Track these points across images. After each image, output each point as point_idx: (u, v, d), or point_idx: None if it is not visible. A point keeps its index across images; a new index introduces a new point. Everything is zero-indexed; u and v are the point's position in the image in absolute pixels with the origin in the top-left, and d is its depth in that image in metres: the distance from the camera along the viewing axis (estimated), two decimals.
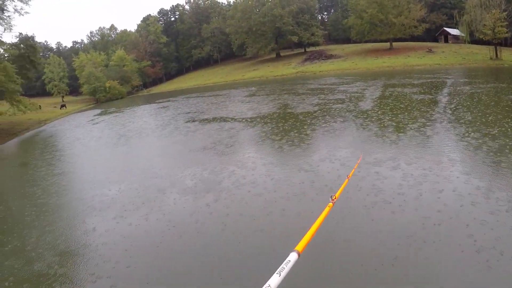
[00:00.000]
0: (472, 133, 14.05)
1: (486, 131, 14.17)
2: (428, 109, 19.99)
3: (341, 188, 3.42)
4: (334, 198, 2.71)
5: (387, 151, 13.10)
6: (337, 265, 6.87)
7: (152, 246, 8.52)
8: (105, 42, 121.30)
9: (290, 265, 1.31)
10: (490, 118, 16.32)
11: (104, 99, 79.58)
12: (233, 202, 10.37)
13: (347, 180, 3.98)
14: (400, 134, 15.20)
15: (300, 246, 1.53)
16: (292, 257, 1.39)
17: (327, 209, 2.41)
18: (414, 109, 20.56)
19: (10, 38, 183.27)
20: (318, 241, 7.86)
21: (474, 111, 18.34)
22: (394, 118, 18.48)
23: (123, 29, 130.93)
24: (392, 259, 6.66)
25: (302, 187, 10.65)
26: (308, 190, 10.41)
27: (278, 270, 1.25)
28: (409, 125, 16.63)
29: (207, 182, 12.35)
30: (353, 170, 4.98)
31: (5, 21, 43.04)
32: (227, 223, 9.11)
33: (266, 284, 1.11)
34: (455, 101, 22.09)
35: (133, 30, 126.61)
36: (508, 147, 11.97)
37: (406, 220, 8.02)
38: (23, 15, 44.52)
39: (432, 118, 17.71)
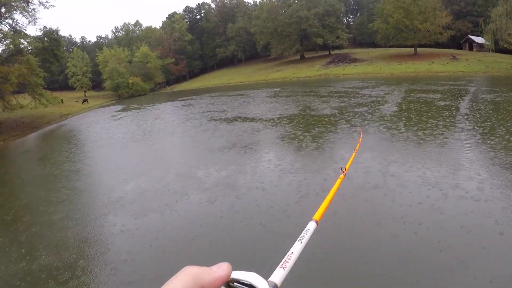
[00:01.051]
0: (490, 140, 14.33)
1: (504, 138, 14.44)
2: (449, 115, 20.15)
3: (350, 161, 3.63)
4: (344, 170, 2.85)
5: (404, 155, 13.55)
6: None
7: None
8: (130, 38, 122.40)
9: (309, 233, 1.41)
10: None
11: (127, 95, 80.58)
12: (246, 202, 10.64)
13: (354, 153, 4.22)
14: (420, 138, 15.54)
15: (317, 215, 1.67)
16: (311, 225, 1.50)
17: (339, 181, 2.53)
18: (435, 115, 20.70)
19: (34, 31, 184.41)
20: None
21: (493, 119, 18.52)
22: (415, 123, 18.76)
23: (148, 25, 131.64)
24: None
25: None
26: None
27: (299, 238, 1.32)
28: (428, 130, 16.84)
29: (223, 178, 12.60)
30: (358, 144, 5.31)
31: (30, 13, 43.02)
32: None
33: (290, 251, 1.19)
34: (475, 108, 22.21)
35: (158, 27, 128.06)
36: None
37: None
38: (48, 8, 44.46)
39: (452, 123, 17.95)
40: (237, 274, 0.74)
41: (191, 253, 8.00)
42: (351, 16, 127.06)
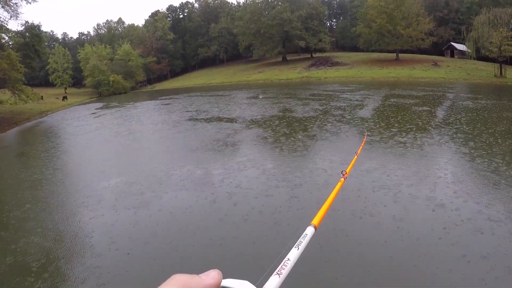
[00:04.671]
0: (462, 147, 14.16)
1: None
2: (425, 121, 20.17)
3: (351, 164, 3.54)
4: (345, 173, 2.77)
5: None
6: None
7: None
8: (112, 35, 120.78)
9: (307, 238, 1.36)
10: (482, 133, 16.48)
11: (107, 93, 79.40)
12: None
13: (355, 156, 4.14)
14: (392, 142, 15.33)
15: (316, 220, 1.58)
16: (309, 230, 1.42)
17: (339, 184, 2.47)
18: (412, 120, 20.75)
19: (16, 26, 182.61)
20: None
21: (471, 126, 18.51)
22: (389, 127, 18.65)
23: (130, 23, 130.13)
24: None
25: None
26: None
27: (296, 244, 1.26)
28: (403, 134, 16.84)
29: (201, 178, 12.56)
30: (361, 147, 5.09)
31: (12, 8, 42.64)
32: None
33: (286, 258, 1.12)
34: (452, 114, 22.30)
35: (140, 25, 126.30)
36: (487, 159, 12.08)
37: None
38: (30, 3, 43.97)
39: (427, 128, 17.98)
40: (228, 282, 0.73)
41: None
42: (334, 20, 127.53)
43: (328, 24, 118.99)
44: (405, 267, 6.96)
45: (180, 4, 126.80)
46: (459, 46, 76.87)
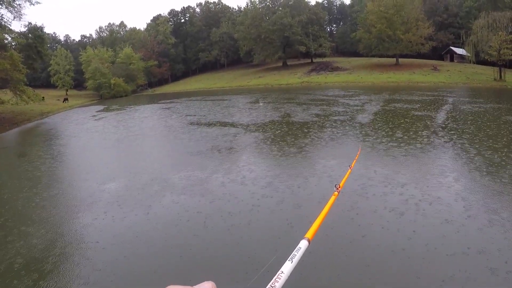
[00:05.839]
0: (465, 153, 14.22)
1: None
2: (424, 126, 20.19)
3: (344, 178, 3.46)
4: (339, 187, 2.74)
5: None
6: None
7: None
8: (114, 38, 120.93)
9: (301, 252, 1.37)
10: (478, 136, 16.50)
11: (108, 95, 79.57)
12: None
13: (349, 170, 4.06)
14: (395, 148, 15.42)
15: (309, 234, 1.59)
16: (303, 244, 1.45)
17: (332, 198, 2.45)
18: (411, 125, 20.80)
19: (19, 26, 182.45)
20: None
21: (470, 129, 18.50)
22: (390, 133, 18.70)
23: (132, 27, 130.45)
24: None
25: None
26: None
27: (290, 257, 1.28)
28: (404, 139, 16.83)
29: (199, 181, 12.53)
30: (354, 161, 5.07)
31: (15, 9, 42.67)
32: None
33: (279, 271, 1.14)
34: (451, 118, 22.38)
35: (142, 29, 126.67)
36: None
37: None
38: (34, 4, 43.87)
39: (426, 134, 17.96)
40: None
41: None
42: (334, 25, 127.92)
43: (328, 29, 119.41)
44: None
45: (181, 9, 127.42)
46: (459, 50, 77.13)
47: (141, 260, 7.83)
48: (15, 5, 42.61)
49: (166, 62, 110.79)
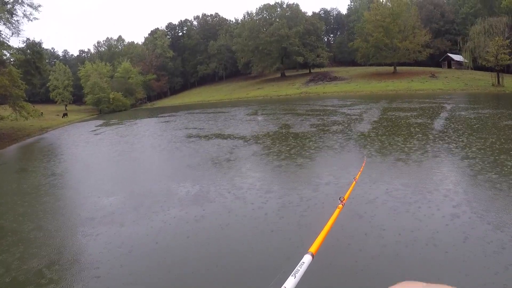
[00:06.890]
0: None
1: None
2: (422, 133, 20.14)
3: (349, 190, 3.41)
4: (343, 200, 2.72)
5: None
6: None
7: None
8: (112, 53, 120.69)
9: (304, 266, 1.33)
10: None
11: (107, 110, 79.51)
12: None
13: (354, 182, 3.99)
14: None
15: (313, 248, 1.55)
16: (306, 258, 1.40)
17: (337, 211, 2.39)
18: (410, 132, 20.75)
19: (17, 42, 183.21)
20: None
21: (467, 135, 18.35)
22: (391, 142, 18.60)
23: (130, 41, 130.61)
24: None
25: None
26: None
27: (293, 272, 1.24)
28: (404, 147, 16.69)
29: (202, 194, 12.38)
30: (359, 173, 4.97)
31: (14, 25, 43.01)
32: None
33: (282, 287, 1.10)
34: (450, 125, 22.30)
35: (140, 43, 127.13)
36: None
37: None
38: (32, 20, 44.23)
39: (424, 140, 17.94)
40: None
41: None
42: (332, 35, 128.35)
43: (326, 39, 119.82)
44: None
45: (179, 22, 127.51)
46: (456, 57, 77.27)
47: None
48: (13, 21, 42.91)
49: (164, 75, 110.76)
